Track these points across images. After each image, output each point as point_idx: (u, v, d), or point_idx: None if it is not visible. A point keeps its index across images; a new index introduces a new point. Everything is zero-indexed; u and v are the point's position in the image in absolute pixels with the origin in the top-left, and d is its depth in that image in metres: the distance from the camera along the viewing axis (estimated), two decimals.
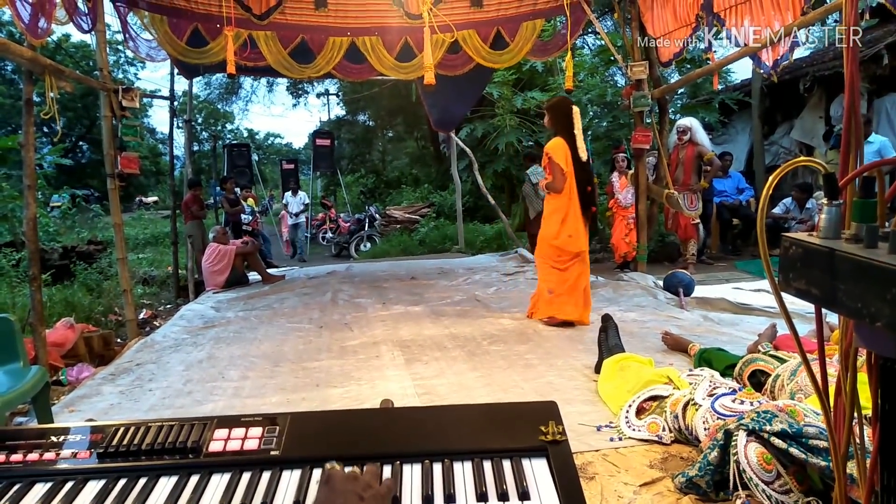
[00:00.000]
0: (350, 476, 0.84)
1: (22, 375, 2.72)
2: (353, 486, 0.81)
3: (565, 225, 4.48)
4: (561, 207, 4.50)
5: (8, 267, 7.51)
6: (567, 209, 4.49)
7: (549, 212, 4.60)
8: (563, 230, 4.48)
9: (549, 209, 4.60)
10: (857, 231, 0.79)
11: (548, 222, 4.59)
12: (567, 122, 4.50)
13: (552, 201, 4.57)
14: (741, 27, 4.83)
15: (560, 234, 4.49)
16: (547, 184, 4.56)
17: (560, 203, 4.50)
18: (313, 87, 21.68)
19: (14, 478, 0.98)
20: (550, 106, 4.69)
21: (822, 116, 9.66)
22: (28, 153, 4.10)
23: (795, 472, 1.82)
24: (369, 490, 0.81)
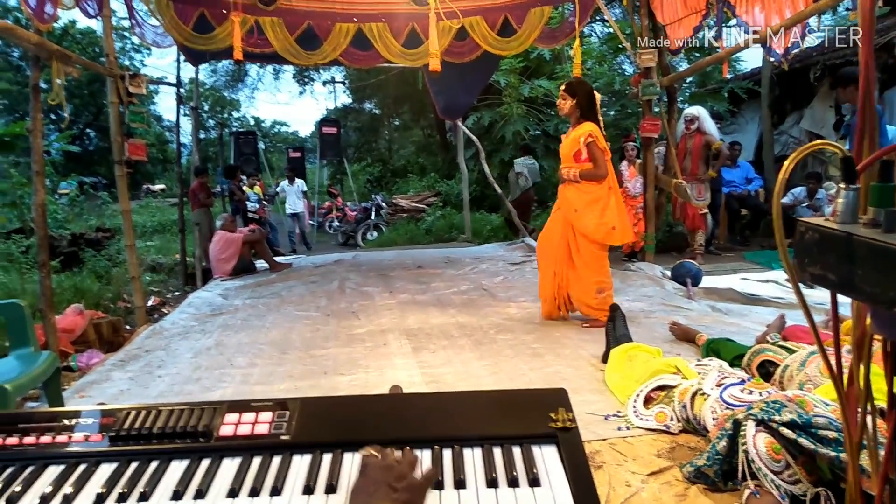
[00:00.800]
0: (386, 465, 0.83)
1: (33, 360, 2.74)
2: (386, 477, 0.81)
3: (605, 215, 4.10)
4: (602, 196, 4.12)
5: (17, 253, 7.55)
6: (608, 199, 4.14)
7: (585, 201, 4.12)
8: (605, 221, 4.10)
9: (587, 199, 4.12)
10: (875, 215, 0.78)
11: (585, 215, 4.12)
12: (594, 106, 4.18)
13: (589, 189, 4.12)
14: (752, 14, 4.77)
15: (601, 226, 4.09)
16: (587, 172, 4.09)
17: (600, 193, 4.11)
18: (319, 74, 21.61)
19: (27, 460, 0.99)
20: (578, 85, 4.23)
21: (832, 106, 9.56)
22: (36, 139, 4.10)
23: (804, 463, 1.82)
24: (403, 481, 0.81)
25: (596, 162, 4.07)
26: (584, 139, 4.04)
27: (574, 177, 4.13)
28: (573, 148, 4.14)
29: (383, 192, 16.35)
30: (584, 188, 4.13)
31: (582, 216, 4.12)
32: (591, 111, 4.15)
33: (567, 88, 4.17)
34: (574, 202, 4.16)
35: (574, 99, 4.12)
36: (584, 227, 4.12)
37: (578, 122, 4.14)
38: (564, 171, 4.22)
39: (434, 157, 19.76)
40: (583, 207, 4.12)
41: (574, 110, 4.15)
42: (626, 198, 7.59)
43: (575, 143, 4.11)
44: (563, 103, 4.18)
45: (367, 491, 0.79)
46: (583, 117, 4.14)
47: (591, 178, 4.10)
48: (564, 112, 4.22)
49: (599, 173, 4.08)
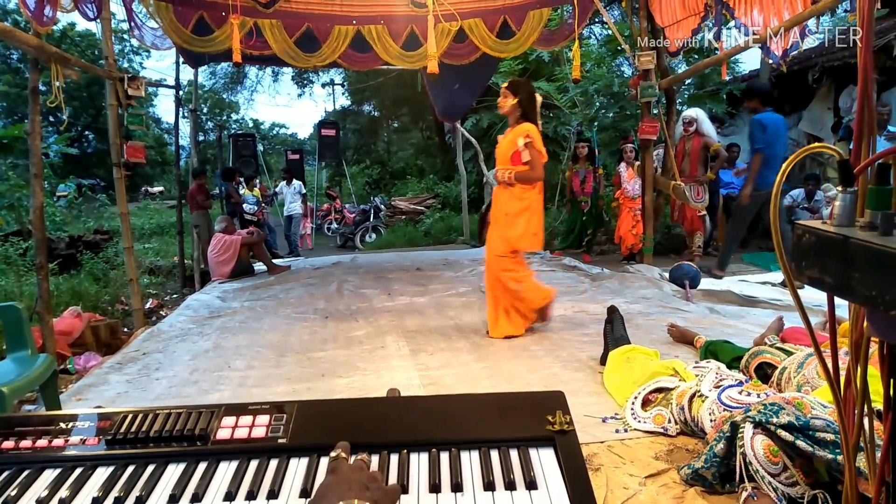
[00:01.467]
0: (356, 466, 0.84)
1: (30, 363, 2.73)
2: (359, 476, 0.81)
3: (531, 223, 4.04)
4: (534, 203, 4.05)
5: (15, 256, 7.54)
6: (538, 204, 4.09)
7: (518, 209, 4.00)
8: (530, 228, 4.04)
9: (521, 206, 4.00)
10: (872, 218, 0.78)
11: (515, 221, 4.00)
12: (535, 107, 4.05)
13: (523, 195, 4.01)
14: (750, 16, 4.79)
15: (526, 232, 4.03)
16: (523, 174, 3.96)
17: (532, 198, 4.04)
18: (318, 76, 21.62)
19: (23, 464, 0.99)
20: (521, 85, 4.12)
21: (830, 108, 9.58)
22: (34, 142, 4.10)
23: (802, 465, 1.82)
24: (374, 483, 0.81)
25: (532, 164, 3.95)
26: (524, 139, 3.91)
27: (510, 179, 4.00)
28: (511, 149, 4.00)
29: (382, 195, 16.36)
30: (518, 193, 4.01)
31: (512, 222, 4.02)
32: (532, 112, 4.03)
33: (510, 86, 4.04)
34: (506, 206, 4.05)
35: (516, 98, 3.99)
36: (510, 233, 4.03)
37: (518, 122, 4.02)
38: (500, 173, 4.08)
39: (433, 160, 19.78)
40: (514, 214, 4.02)
41: (514, 109, 4.01)
42: (624, 199, 7.62)
43: (512, 143, 3.99)
44: (503, 101, 4.04)
45: (341, 488, 0.78)
46: (523, 117, 4.01)
47: (526, 181, 3.99)
48: (504, 110, 4.07)
49: (534, 175, 3.98)
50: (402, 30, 6.64)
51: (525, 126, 3.95)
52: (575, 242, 8.36)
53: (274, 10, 6.19)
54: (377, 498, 0.78)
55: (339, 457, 0.85)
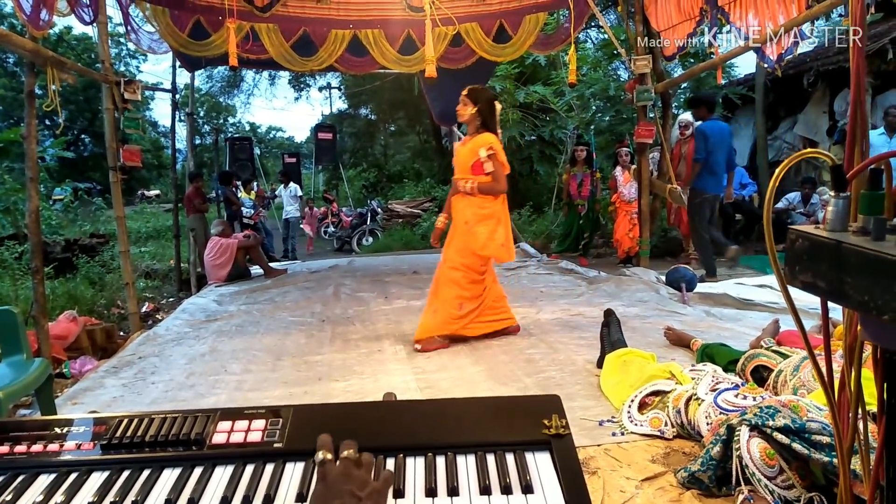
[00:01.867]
0: (344, 472, 0.82)
1: (25, 368, 2.73)
2: (349, 485, 0.79)
3: (497, 233, 3.92)
4: (497, 212, 3.94)
5: (11, 260, 7.53)
6: (501, 215, 3.97)
7: (479, 217, 3.89)
8: (496, 238, 3.92)
9: (481, 214, 3.89)
10: (865, 223, 0.78)
11: (476, 231, 3.88)
12: (495, 115, 3.95)
13: (485, 204, 3.90)
14: (745, 21, 4.81)
15: (491, 242, 3.90)
16: (486, 186, 3.86)
17: (495, 208, 3.93)
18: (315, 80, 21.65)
19: (18, 469, 0.99)
20: (481, 92, 3.97)
21: (825, 111, 9.62)
22: (30, 146, 4.10)
23: (798, 468, 1.82)
24: (366, 487, 0.80)
25: (496, 176, 3.84)
26: (486, 150, 3.80)
27: (472, 189, 3.87)
28: (471, 158, 3.88)
29: (379, 198, 16.35)
30: (480, 202, 3.90)
31: (473, 228, 3.88)
32: (492, 121, 3.93)
33: (469, 94, 3.90)
34: (466, 215, 3.92)
35: (476, 106, 3.85)
36: (472, 239, 3.89)
37: (478, 131, 3.90)
38: (460, 183, 3.95)
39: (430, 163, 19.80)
40: (475, 222, 3.89)
41: (474, 118, 3.88)
42: (620, 203, 7.63)
43: (473, 153, 3.86)
44: (463, 109, 3.89)
45: (329, 499, 0.77)
46: (483, 126, 3.90)
47: (490, 193, 3.88)
48: (464, 119, 3.93)
49: (498, 188, 3.89)
50: (398, 34, 6.66)
51: (487, 136, 3.85)
52: (572, 246, 8.37)
53: (270, 15, 6.20)
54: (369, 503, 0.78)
55: (326, 460, 0.83)
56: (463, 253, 3.93)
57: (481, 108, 3.86)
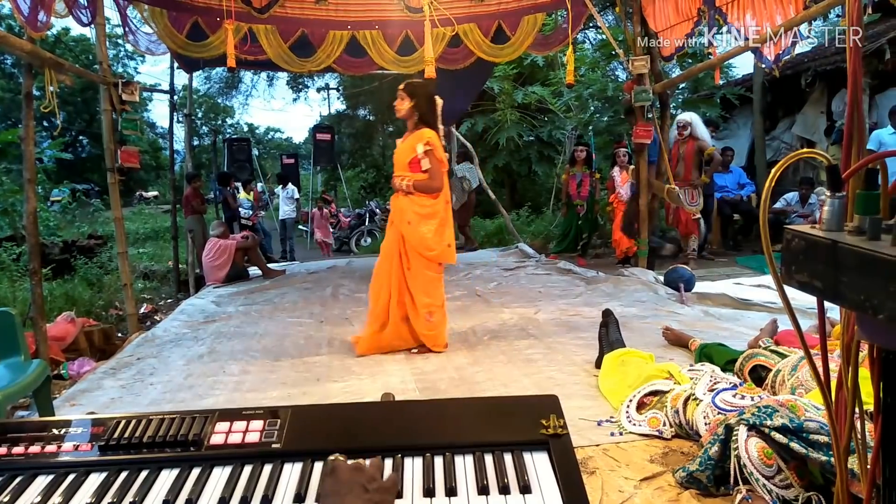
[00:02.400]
0: (355, 467, 0.84)
1: (23, 369, 2.72)
2: (358, 478, 0.81)
3: (442, 234, 3.79)
4: (439, 211, 3.80)
5: (9, 261, 7.52)
6: (445, 214, 3.85)
7: (420, 217, 3.73)
8: (444, 239, 3.80)
9: (422, 213, 3.74)
10: (860, 223, 0.78)
11: (419, 229, 3.73)
12: (434, 110, 3.82)
13: (424, 203, 3.75)
14: (743, 21, 4.82)
15: (439, 243, 3.78)
16: (421, 184, 3.71)
17: (436, 207, 3.79)
18: (313, 81, 21.64)
19: (16, 470, 0.99)
20: (419, 87, 3.84)
21: (823, 112, 9.64)
22: (28, 147, 4.09)
23: (796, 467, 1.82)
24: (374, 483, 0.81)
25: (432, 173, 3.71)
26: (424, 146, 3.66)
27: (408, 187, 3.72)
28: (409, 155, 3.74)
29: (377, 199, 16.35)
30: (419, 201, 3.75)
31: (416, 229, 3.72)
32: (432, 116, 3.79)
33: (406, 88, 3.75)
34: (407, 213, 3.75)
35: (413, 101, 3.71)
36: (419, 241, 3.73)
37: (416, 126, 3.74)
38: (397, 181, 3.79)
39: None
40: (417, 221, 3.73)
41: (412, 113, 3.73)
42: (618, 203, 7.63)
43: (411, 149, 3.72)
44: (400, 104, 3.74)
45: (340, 492, 0.78)
46: (421, 122, 3.74)
47: (425, 191, 3.73)
48: (401, 114, 3.77)
49: (434, 185, 3.74)
50: (396, 35, 6.65)
51: (425, 132, 3.70)
52: (570, 246, 8.37)
53: (269, 16, 6.19)
54: (377, 500, 0.78)
55: (337, 458, 0.86)
56: (417, 257, 3.77)
57: (419, 102, 3.72)
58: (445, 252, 3.82)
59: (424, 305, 3.78)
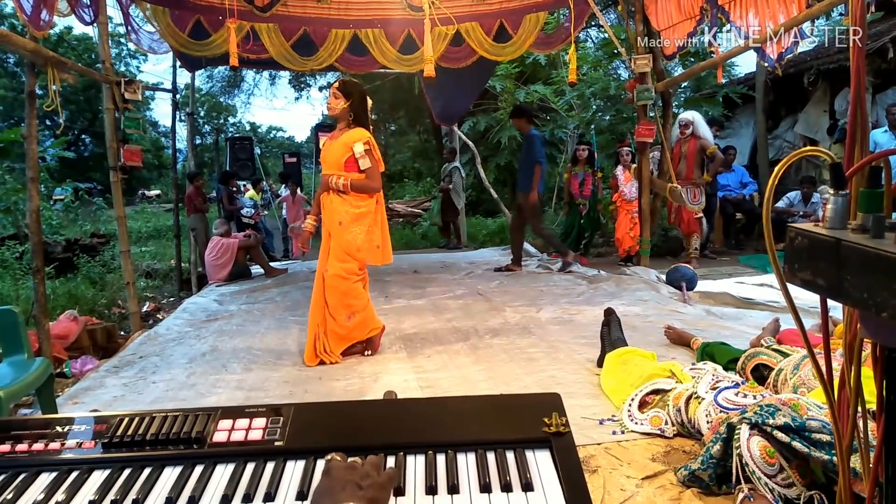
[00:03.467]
0: (350, 466, 0.84)
1: (26, 367, 2.73)
2: (352, 476, 0.81)
3: (372, 234, 3.76)
4: (370, 212, 3.75)
5: (12, 259, 7.54)
6: (379, 215, 3.82)
7: (353, 217, 3.68)
8: (372, 239, 3.76)
9: (355, 213, 3.69)
10: (864, 221, 0.78)
11: (351, 230, 3.67)
12: (367, 110, 3.79)
13: (359, 203, 3.70)
14: (746, 20, 4.81)
15: (368, 244, 3.74)
16: (360, 184, 3.67)
17: (370, 206, 3.76)
18: (315, 80, 21.63)
19: (19, 467, 0.99)
20: (353, 86, 3.79)
21: (826, 110, 9.62)
22: (31, 146, 4.10)
23: (798, 466, 1.82)
24: (368, 479, 0.81)
25: (371, 173, 3.68)
26: (363, 145, 3.62)
27: (343, 186, 3.65)
28: (344, 153, 3.66)
29: None
30: (353, 201, 3.69)
31: (347, 229, 3.67)
32: (365, 116, 3.77)
33: (341, 87, 3.71)
34: (339, 214, 3.68)
35: (348, 100, 3.67)
36: (348, 242, 3.68)
37: (349, 126, 3.71)
38: (332, 179, 3.68)
39: (430, 163, 19.77)
40: (349, 221, 3.67)
41: (346, 113, 3.69)
42: (621, 202, 7.64)
43: (346, 148, 3.64)
44: (335, 103, 3.67)
45: (333, 491, 0.79)
46: (355, 122, 3.71)
47: (364, 191, 3.69)
48: (335, 112, 3.71)
49: (373, 185, 3.72)
50: (398, 33, 6.65)
51: (361, 131, 3.69)
52: (572, 245, 8.37)
53: (271, 14, 6.20)
54: (371, 496, 0.79)
55: (333, 458, 0.86)
56: (343, 258, 3.70)
57: (354, 102, 3.69)
58: (374, 253, 3.79)
59: (344, 307, 3.71)
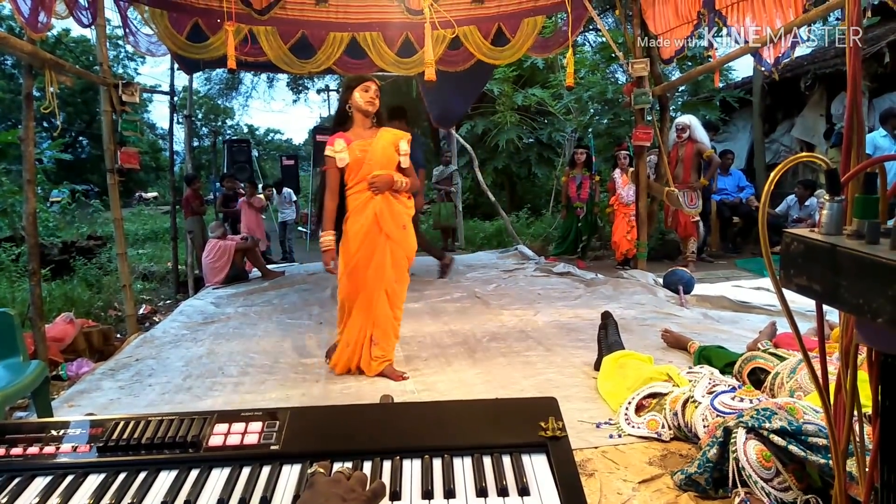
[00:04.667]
0: (333, 479, 0.83)
1: (22, 370, 2.72)
2: (336, 489, 0.80)
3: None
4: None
5: (8, 262, 7.52)
6: None
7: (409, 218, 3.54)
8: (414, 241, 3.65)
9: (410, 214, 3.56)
10: (859, 227, 0.79)
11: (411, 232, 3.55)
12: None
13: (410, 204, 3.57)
14: (743, 24, 4.82)
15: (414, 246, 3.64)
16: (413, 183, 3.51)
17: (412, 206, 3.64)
18: (313, 82, 21.65)
19: (14, 471, 0.99)
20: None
21: (822, 114, 9.65)
22: (28, 148, 4.09)
23: (794, 470, 1.82)
24: (353, 494, 0.81)
25: (410, 172, 3.49)
26: (407, 144, 3.45)
27: (406, 186, 3.43)
28: (394, 152, 3.41)
29: None
30: (406, 201, 3.50)
31: (409, 232, 3.50)
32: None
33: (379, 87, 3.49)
34: (402, 216, 3.46)
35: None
36: (410, 247, 3.51)
37: (374, 125, 3.49)
38: (395, 179, 3.37)
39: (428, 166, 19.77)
40: (409, 223, 3.50)
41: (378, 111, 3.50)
42: (618, 206, 7.64)
43: (393, 146, 3.41)
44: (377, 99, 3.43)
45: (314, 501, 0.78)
46: (378, 121, 3.51)
47: (411, 191, 3.52)
48: (376, 109, 3.46)
49: (418, 184, 3.59)
50: (396, 37, 6.66)
51: (399, 130, 3.55)
52: (570, 248, 8.37)
53: (269, 17, 6.20)
54: None
55: (317, 472, 0.85)
56: (404, 265, 3.52)
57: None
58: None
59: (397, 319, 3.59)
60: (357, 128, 3.45)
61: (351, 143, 3.38)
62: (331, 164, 3.41)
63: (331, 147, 3.39)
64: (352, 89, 3.43)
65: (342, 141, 3.37)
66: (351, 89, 3.44)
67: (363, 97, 3.39)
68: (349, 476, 0.85)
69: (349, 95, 3.44)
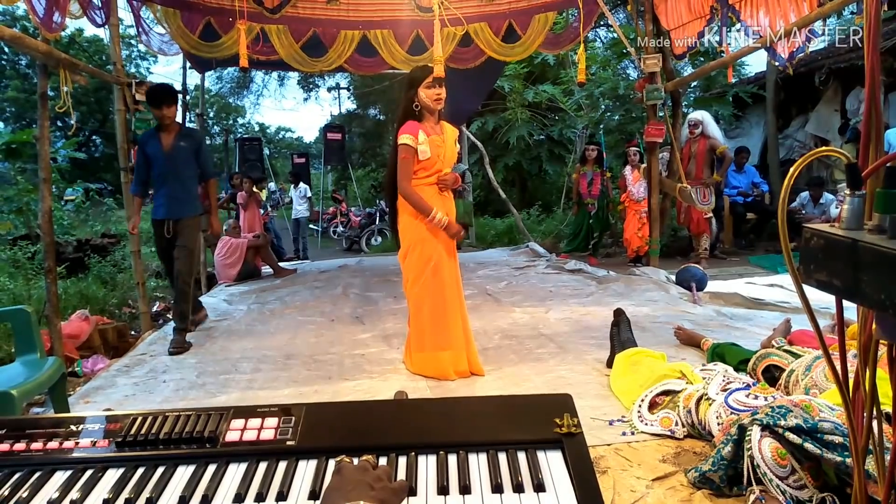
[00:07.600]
0: (361, 467, 0.84)
1: (39, 366, 2.75)
2: (364, 476, 0.81)
3: None
4: None
5: (24, 259, 7.59)
6: None
7: None
8: None
9: None
10: (881, 222, 0.78)
11: None
12: None
13: None
14: (756, 19, 4.78)
15: None
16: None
17: None
18: (324, 80, 21.69)
19: (35, 465, 1.00)
20: None
21: (837, 110, 9.54)
22: (43, 146, 4.13)
23: (810, 468, 1.81)
24: (380, 482, 0.81)
25: None
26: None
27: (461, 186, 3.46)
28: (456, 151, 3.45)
29: None
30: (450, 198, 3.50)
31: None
32: None
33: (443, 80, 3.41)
34: (454, 214, 3.47)
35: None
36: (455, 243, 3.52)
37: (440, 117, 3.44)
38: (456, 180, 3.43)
39: None
40: None
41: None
42: (629, 202, 7.61)
43: (455, 143, 3.46)
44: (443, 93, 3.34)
45: (345, 489, 0.79)
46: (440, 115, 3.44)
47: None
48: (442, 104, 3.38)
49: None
50: (407, 34, 6.66)
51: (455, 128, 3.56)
52: (581, 245, 8.35)
53: (280, 16, 6.22)
54: (383, 497, 0.79)
55: (343, 459, 0.86)
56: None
57: None
58: None
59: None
60: (426, 122, 3.37)
61: (430, 136, 3.32)
62: (409, 153, 3.28)
63: (412, 137, 3.26)
64: (415, 87, 3.33)
65: (424, 133, 3.29)
66: (415, 87, 3.33)
67: (429, 95, 3.30)
68: (375, 466, 0.86)
69: (414, 94, 3.33)
